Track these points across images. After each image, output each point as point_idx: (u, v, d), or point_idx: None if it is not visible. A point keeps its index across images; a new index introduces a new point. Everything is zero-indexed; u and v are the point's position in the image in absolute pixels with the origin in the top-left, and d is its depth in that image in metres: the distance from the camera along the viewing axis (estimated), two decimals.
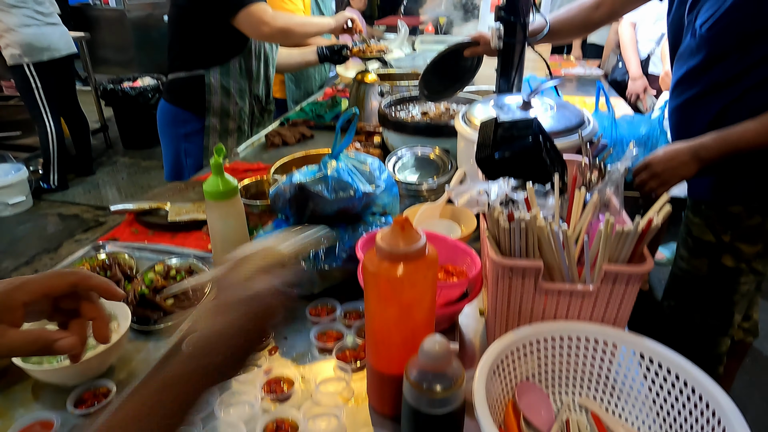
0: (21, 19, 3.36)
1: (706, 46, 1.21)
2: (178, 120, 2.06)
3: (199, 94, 1.98)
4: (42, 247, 3.09)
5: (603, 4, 1.55)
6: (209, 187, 0.92)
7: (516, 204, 0.81)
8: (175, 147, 2.11)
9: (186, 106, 2.03)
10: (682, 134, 1.31)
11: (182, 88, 2.01)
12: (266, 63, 2.11)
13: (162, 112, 2.11)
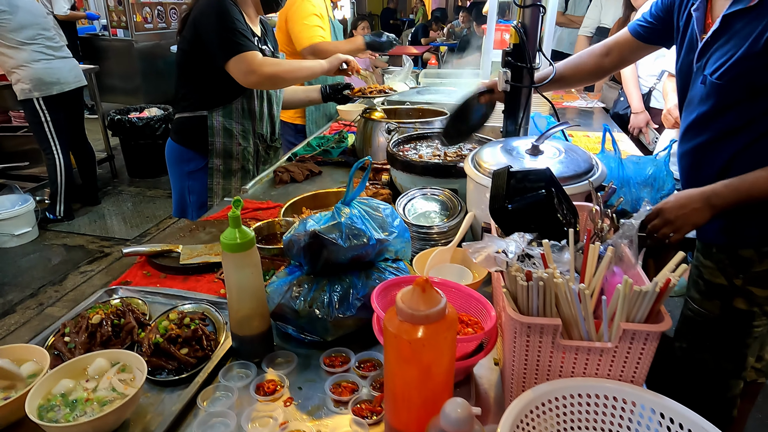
0: (31, 54, 3.43)
1: (716, 94, 1.23)
2: (183, 158, 2.11)
3: (203, 134, 2.03)
4: (47, 279, 3.09)
5: (612, 51, 1.59)
6: (226, 239, 0.93)
7: (532, 260, 0.82)
8: (181, 184, 2.16)
9: (190, 145, 2.08)
10: (693, 179, 1.33)
11: (186, 128, 2.06)
12: (270, 102, 2.16)
13: (169, 150, 2.16)
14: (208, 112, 2.01)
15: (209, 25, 1.83)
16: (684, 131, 1.36)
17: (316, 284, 1.09)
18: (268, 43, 2.14)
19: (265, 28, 2.17)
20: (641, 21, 1.53)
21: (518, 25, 1.49)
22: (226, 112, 2.02)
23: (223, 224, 1.58)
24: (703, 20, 1.29)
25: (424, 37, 9.81)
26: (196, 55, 1.90)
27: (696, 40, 1.30)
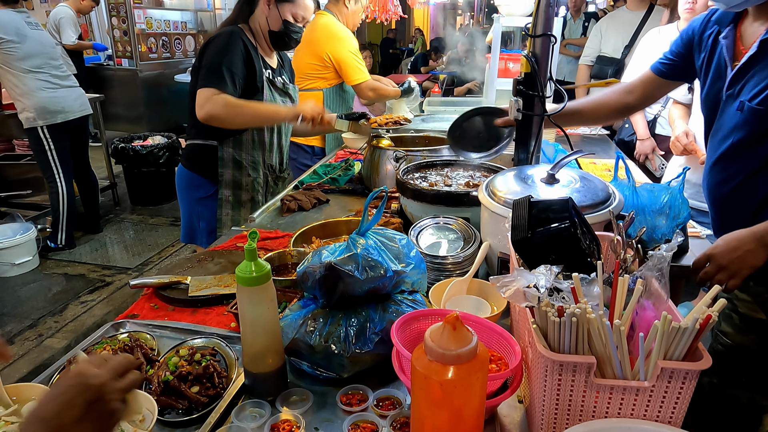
0: (38, 83, 3.45)
1: (755, 121, 1.20)
2: (193, 185, 2.13)
3: (213, 161, 2.05)
4: (47, 309, 3.04)
5: (635, 89, 1.60)
6: (242, 273, 0.90)
7: (561, 293, 0.79)
8: (190, 210, 2.17)
9: (200, 171, 2.10)
10: (731, 211, 1.30)
11: (198, 155, 2.08)
12: (279, 133, 2.18)
13: (179, 176, 2.17)
14: (218, 143, 2.03)
15: (208, 52, 1.89)
16: (715, 161, 1.34)
17: (331, 318, 1.05)
18: (284, 74, 2.17)
19: (282, 59, 2.21)
20: (663, 59, 1.55)
21: (529, 55, 1.49)
22: (236, 143, 2.04)
23: (232, 254, 1.55)
24: (732, 48, 1.29)
25: (423, 66, 9.96)
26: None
27: (724, 67, 1.29)
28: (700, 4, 2.54)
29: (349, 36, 2.86)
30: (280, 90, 2.11)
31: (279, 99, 2.11)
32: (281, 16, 1.96)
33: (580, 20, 5.23)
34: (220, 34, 1.92)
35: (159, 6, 7.16)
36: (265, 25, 1.99)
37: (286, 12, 1.96)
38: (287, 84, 2.17)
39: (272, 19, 1.97)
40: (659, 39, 2.81)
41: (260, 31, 2.01)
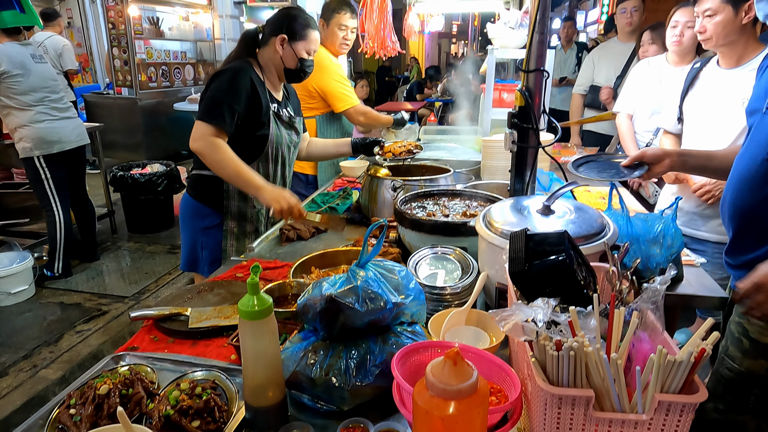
0: (36, 115, 3.48)
1: None
2: (198, 214, 2.14)
3: (219, 192, 2.09)
4: (42, 339, 3.01)
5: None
6: (244, 307, 0.92)
7: (558, 326, 0.81)
8: (193, 239, 2.18)
9: (206, 201, 2.12)
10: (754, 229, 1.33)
11: (204, 185, 2.10)
12: (283, 165, 2.21)
13: (184, 205, 2.19)
14: None
15: (212, 86, 1.93)
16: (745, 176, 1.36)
17: (332, 350, 1.06)
18: (289, 107, 2.21)
19: (287, 91, 2.26)
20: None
21: (523, 89, 1.54)
22: None
23: (232, 285, 1.56)
24: None
25: (419, 93, 10.12)
26: None
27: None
28: (687, 37, 2.63)
29: (331, 63, 2.89)
30: (286, 123, 2.16)
31: (285, 132, 2.15)
32: (296, 55, 2.01)
33: (572, 50, 5.37)
34: (228, 69, 1.95)
35: (159, 37, 7.31)
36: (278, 63, 2.04)
37: (300, 50, 2.02)
38: (293, 117, 2.21)
39: (287, 58, 2.02)
40: (649, 69, 2.90)
41: (269, 66, 2.06)
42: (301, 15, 2.05)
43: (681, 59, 2.73)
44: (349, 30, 2.87)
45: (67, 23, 8.07)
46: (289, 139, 2.20)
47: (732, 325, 1.40)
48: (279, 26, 2.02)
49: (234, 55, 2.09)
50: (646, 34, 3.22)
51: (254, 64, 2.03)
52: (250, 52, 2.07)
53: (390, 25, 3.09)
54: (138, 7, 6.78)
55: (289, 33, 2.00)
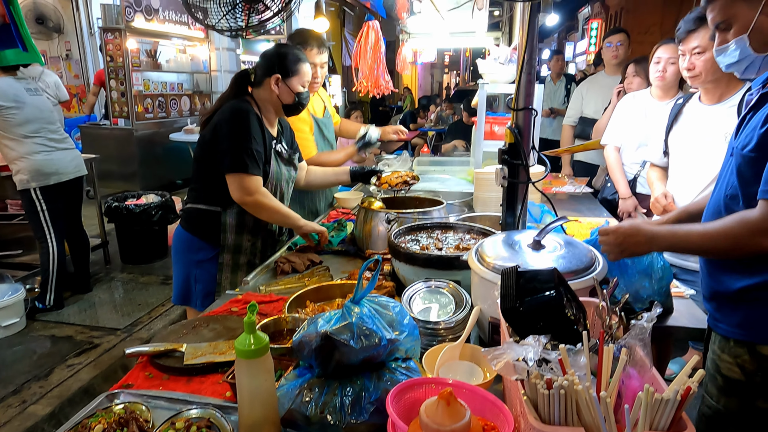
0: (33, 147, 3.51)
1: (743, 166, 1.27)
2: (192, 247, 2.15)
3: (215, 227, 2.10)
4: (32, 374, 2.96)
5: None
6: (240, 345, 0.93)
7: (549, 364, 0.83)
8: (186, 272, 2.18)
9: (201, 235, 2.13)
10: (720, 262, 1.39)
11: (199, 219, 2.12)
12: (282, 200, 2.23)
13: (178, 238, 2.19)
14: (222, 210, 2.09)
15: (226, 134, 1.96)
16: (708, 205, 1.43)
17: (327, 387, 1.07)
18: (284, 142, 2.24)
19: (282, 126, 2.28)
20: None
21: (513, 126, 1.59)
22: (240, 210, 2.08)
23: (228, 320, 1.57)
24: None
25: (412, 123, 10.30)
26: (214, 155, 2.00)
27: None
28: (670, 72, 2.72)
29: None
30: (285, 160, 2.20)
31: (284, 168, 2.20)
32: (292, 90, 2.06)
33: (561, 82, 5.51)
34: (237, 112, 1.99)
35: (156, 69, 7.43)
36: (275, 101, 2.08)
37: (295, 85, 2.07)
38: (290, 152, 2.26)
39: (284, 95, 2.07)
40: (634, 103, 2.98)
41: (266, 105, 2.10)
42: (290, 51, 2.09)
43: (665, 94, 2.82)
44: (317, 66, 2.66)
45: (65, 55, 8.20)
46: (288, 175, 2.24)
47: (708, 362, 1.41)
48: (271, 67, 2.05)
49: (228, 95, 2.11)
50: (630, 67, 3.32)
51: (251, 103, 2.07)
52: (243, 91, 2.11)
53: (383, 64, 3.18)
54: (136, 40, 6.91)
55: (282, 71, 2.05)
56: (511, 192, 1.63)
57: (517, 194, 1.63)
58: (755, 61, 1.30)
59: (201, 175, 2.12)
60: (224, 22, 1.68)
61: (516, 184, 1.61)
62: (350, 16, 10.71)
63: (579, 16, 23.89)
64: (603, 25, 19.28)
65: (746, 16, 1.26)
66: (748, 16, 1.25)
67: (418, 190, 2.81)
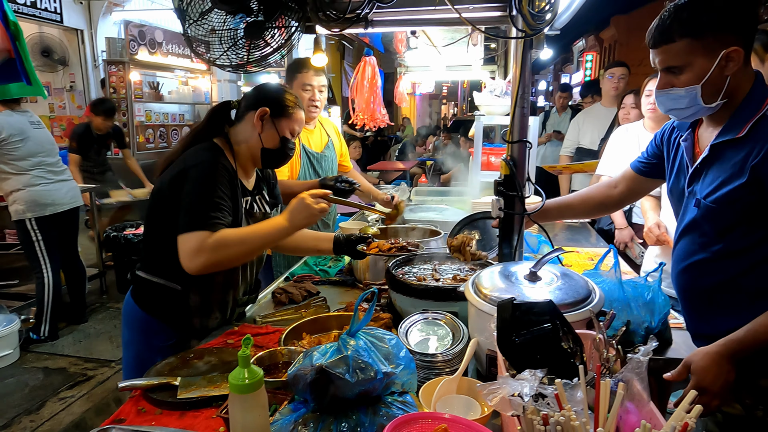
0: (32, 179, 3.54)
1: (712, 217, 1.31)
2: (150, 329, 1.71)
3: (174, 307, 1.68)
4: (23, 407, 2.91)
5: (619, 184, 1.74)
6: (234, 380, 0.92)
7: (546, 399, 0.82)
8: (142, 357, 1.70)
9: (159, 316, 1.70)
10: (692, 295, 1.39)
11: (154, 296, 1.70)
12: (255, 262, 1.89)
13: (130, 312, 1.74)
14: (182, 288, 1.64)
15: (190, 188, 1.54)
16: (679, 251, 1.43)
17: (322, 423, 1.05)
18: (264, 192, 1.88)
19: (262, 175, 1.90)
20: (641, 158, 1.69)
21: (508, 158, 1.61)
22: (205, 286, 1.67)
23: (223, 352, 1.55)
24: (692, 149, 1.43)
25: (411, 153, 10.40)
26: (171, 213, 1.55)
27: (686, 166, 1.42)
28: None
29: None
30: (260, 218, 1.77)
31: None
32: (279, 133, 1.70)
33: (567, 114, 5.59)
34: (201, 163, 1.58)
35: (159, 100, 7.55)
36: (254, 143, 1.70)
37: (284, 128, 1.71)
38: (268, 209, 1.86)
39: (267, 136, 1.69)
40: (627, 135, 3.02)
41: (242, 148, 1.71)
42: (289, 92, 1.76)
43: (657, 125, 2.86)
44: (315, 89, 2.54)
45: (69, 86, 8.33)
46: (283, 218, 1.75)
47: None
48: (260, 99, 1.70)
49: (198, 131, 1.74)
50: (629, 98, 3.37)
51: (225, 148, 1.67)
52: (218, 129, 1.73)
53: (380, 98, 3.24)
54: (139, 72, 7.04)
55: (272, 107, 1.68)
56: (508, 223, 1.64)
57: (513, 225, 1.64)
58: (700, 111, 1.32)
59: (154, 239, 1.67)
60: (225, 58, 1.71)
61: (512, 215, 1.62)
62: (350, 49, 10.95)
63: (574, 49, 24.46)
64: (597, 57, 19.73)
65: (702, 66, 1.25)
66: (704, 66, 1.25)
67: (415, 220, 2.83)
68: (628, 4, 17.51)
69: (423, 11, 1.67)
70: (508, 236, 1.65)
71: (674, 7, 1.27)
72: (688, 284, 1.43)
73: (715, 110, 1.31)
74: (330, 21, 1.61)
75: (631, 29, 17.42)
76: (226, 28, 1.72)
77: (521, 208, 1.61)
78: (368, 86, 3.15)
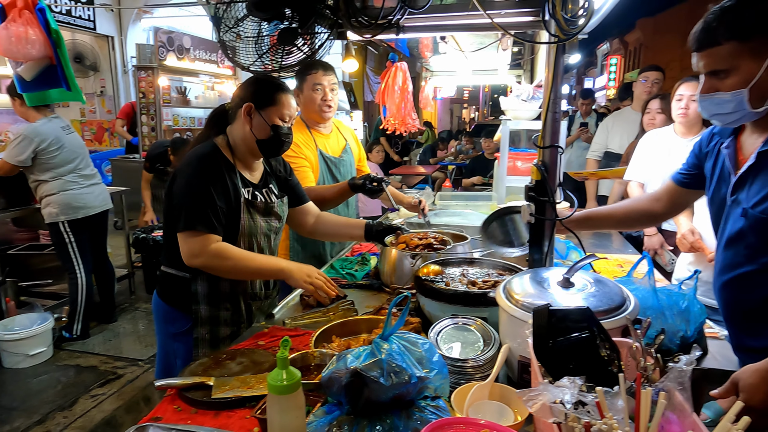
0: (65, 184, 3.64)
1: (759, 228, 1.26)
2: (167, 317, 1.88)
3: (186, 295, 1.81)
4: (56, 404, 2.99)
5: (662, 197, 1.70)
6: (273, 381, 0.94)
7: (585, 407, 0.81)
8: (166, 346, 1.91)
9: (174, 304, 1.85)
10: (735, 311, 1.34)
11: (170, 286, 1.86)
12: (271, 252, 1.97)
13: (155, 305, 1.93)
14: (191, 276, 1.79)
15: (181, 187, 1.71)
16: (723, 263, 1.40)
17: (356, 425, 1.06)
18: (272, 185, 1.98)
19: (270, 167, 2.01)
20: (681, 170, 1.65)
21: (539, 164, 1.60)
22: (212, 276, 1.79)
23: (254, 353, 1.57)
24: (734, 156, 1.39)
25: (432, 157, 10.38)
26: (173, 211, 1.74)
27: (728, 174, 1.38)
28: (692, 109, 2.72)
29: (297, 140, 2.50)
30: (263, 210, 1.87)
31: (260, 220, 1.87)
32: (268, 123, 1.77)
33: (591, 119, 5.53)
34: (194, 160, 1.73)
35: (186, 105, 7.71)
36: (248, 137, 1.79)
37: (272, 117, 1.77)
38: (271, 201, 1.93)
39: (258, 128, 1.77)
40: (656, 140, 2.98)
41: (240, 144, 1.82)
42: (269, 79, 1.83)
43: (688, 130, 2.81)
44: (326, 88, 2.50)
45: (99, 91, 8.57)
46: (267, 227, 1.90)
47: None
48: (244, 95, 1.79)
49: (201, 137, 1.90)
50: (655, 103, 3.31)
51: (223, 146, 1.81)
52: (220, 130, 1.87)
53: (411, 103, 3.25)
54: (167, 77, 7.21)
55: (256, 99, 1.77)
56: (538, 229, 1.63)
57: (544, 231, 1.63)
58: (746, 116, 1.27)
59: (167, 234, 1.83)
60: (259, 63, 1.74)
61: (543, 221, 1.61)
62: (372, 54, 11.01)
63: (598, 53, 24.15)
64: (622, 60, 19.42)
65: (749, 70, 1.21)
66: (751, 70, 1.21)
67: (441, 225, 2.82)
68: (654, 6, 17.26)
69: (454, 17, 1.68)
70: (538, 242, 1.64)
71: (719, 9, 1.23)
72: (733, 297, 1.38)
73: (761, 115, 1.27)
74: (362, 27, 1.63)
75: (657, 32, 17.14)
76: (261, 35, 1.76)
77: (553, 214, 1.60)
78: (399, 92, 3.15)
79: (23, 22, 2.56)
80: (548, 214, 1.60)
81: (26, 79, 2.82)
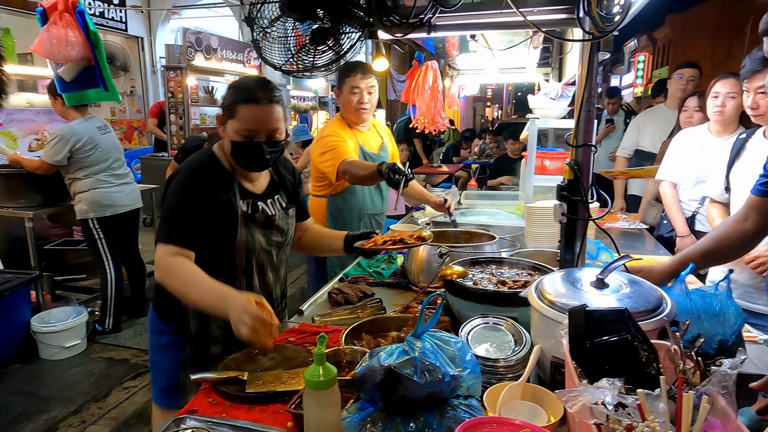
0: (96, 182, 3.73)
1: None
2: (156, 328, 1.79)
3: (175, 308, 1.67)
4: (91, 395, 3.08)
5: (749, 215, 1.60)
6: (310, 376, 0.95)
7: (626, 409, 0.80)
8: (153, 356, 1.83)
9: (163, 315, 1.77)
10: None
11: (161, 295, 1.72)
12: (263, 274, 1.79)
13: (149, 315, 1.84)
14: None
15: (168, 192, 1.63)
16: None
17: (390, 422, 1.07)
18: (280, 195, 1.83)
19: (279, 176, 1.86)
20: (761, 180, 1.59)
21: (572, 162, 1.59)
22: None
23: (286, 349, 1.60)
24: None
25: (455, 156, 10.33)
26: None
27: None
28: (729, 107, 2.65)
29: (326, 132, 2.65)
30: (262, 223, 1.72)
31: (259, 235, 1.72)
32: (229, 137, 1.61)
33: (619, 117, 5.42)
34: (186, 168, 1.64)
35: (213, 104, 7.83)
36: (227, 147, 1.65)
37: (231, 131, 1.60)
38: (273, 212, 1.77)
39: (226, 140, 1.64)
40: (690, 140, 2.91)
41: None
42: (239, 85, 1.62)
43: (724, 129, 2.74)
44: (364, 92, 2.60)
45: (129, 91, 8.77)
46: (267, 242, 1.74)
47: None
48: (221, 104, 1.66)
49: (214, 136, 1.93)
50: (693, 101, 3.22)
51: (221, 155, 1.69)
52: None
53: (440, 102, 3.24)
54: (195, 77, 7.34)
55: (224, 110, 1.63)
56: (571, 228, 1.61)
57: (576, 231, 1.61)
58: None
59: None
60: (291, 63, 1.76)
61: (575, 221, 1.60)
62: (396, 53, 11.00)
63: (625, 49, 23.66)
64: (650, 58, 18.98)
65: None
66: None
67: (467, 224, 2.82)
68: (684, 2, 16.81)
69: (486, 15, 1.67)
70: (570, 242, 1.62)
71: None
72: None
73: None
74: (393, 26, 1.64)
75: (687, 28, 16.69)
76: (291, 35, 1.78)
77: (586, 214, 1.58)
78: (429, 91, 3.15)
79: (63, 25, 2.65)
80: (581, 213, 1.59)
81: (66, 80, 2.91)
